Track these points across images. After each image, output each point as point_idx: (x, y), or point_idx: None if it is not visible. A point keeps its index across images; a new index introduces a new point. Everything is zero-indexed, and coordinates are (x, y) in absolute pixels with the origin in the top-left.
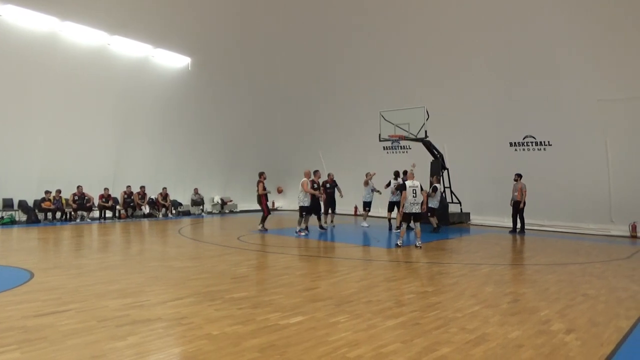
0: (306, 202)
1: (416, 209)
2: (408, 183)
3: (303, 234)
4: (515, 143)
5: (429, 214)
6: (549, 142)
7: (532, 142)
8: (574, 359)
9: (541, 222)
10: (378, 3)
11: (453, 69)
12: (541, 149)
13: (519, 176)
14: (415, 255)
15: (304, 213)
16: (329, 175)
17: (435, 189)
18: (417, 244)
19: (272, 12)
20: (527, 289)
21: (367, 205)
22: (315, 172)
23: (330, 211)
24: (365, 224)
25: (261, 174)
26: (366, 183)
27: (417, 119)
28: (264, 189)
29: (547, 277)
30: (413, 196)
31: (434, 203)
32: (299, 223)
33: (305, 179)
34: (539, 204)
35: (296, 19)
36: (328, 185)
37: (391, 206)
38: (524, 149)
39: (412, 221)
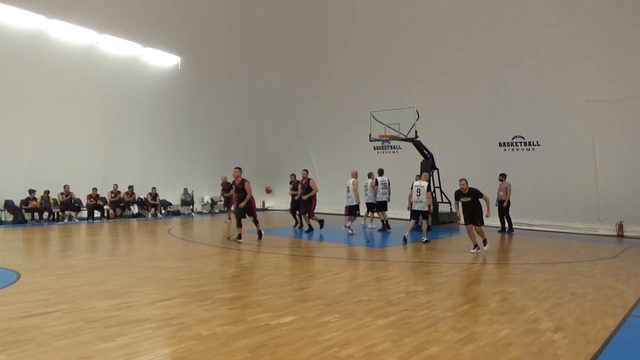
0: (354, 202)
1: (419, 206)
2: (415, 183)
3: (350, 230)
4: (504, 143)
5: (374, 209)
6: (537, 142)
7: (521, 142)
8: (562, 357)
9: (530, 221)
10: (368, 4)
11: (443, 69)
12: (530, 149)
13: (503, 176)
14: (405, 255)
15: (357, 212)
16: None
17: (376, 183)
18: (424, 239)
19: (262, 12)
20: (516, 288)
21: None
22: (235, 169)
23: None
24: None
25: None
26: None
27: (408, 119)
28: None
29: (536, 276)
30: (417, 195)
31: (370, 197)
32: (351, 221)
33: (354, 179)
34: (527, 203)
35: (287, 19)
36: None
37: (382, 205)
38: (513, 149)
39: (419, 218)
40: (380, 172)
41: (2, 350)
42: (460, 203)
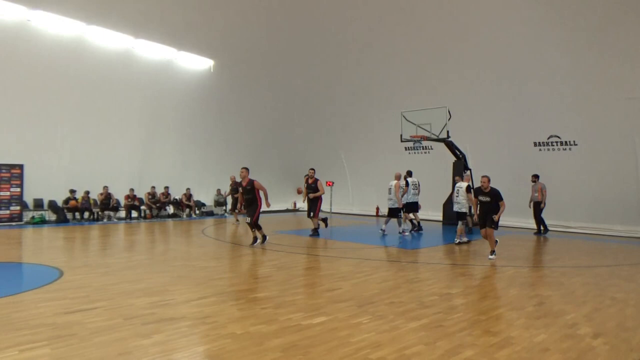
0: (394, 204)
1: (457, 207)
2: (457, 184)
3: (407, 233)
4: (539, 143)
5: (403, 211)
6: (574, 141)
7: (557, 142)
8: None
9: (566, 223)
10: (399, 3)
11: (476, 67)
12: (567, 148)
13: (536, 177)
14: (437, 257)
15: (399, 214)
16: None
17: (406, 184)
18: (456, 241)
19: (293, 15)
20: (553, 292)
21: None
22: (242, 169)
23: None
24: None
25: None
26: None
27: (439, 119)
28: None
29: (573, 280)
30: (456, 196)
31: (406, 198)
32: (399, 224)
33: (396, 181)
34: (564, 204)
35: (317, 21)
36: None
37: (413, 206)
38: (548, 149)
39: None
40: (410, 174)
41: (47, 344)
42: (477, 202)
